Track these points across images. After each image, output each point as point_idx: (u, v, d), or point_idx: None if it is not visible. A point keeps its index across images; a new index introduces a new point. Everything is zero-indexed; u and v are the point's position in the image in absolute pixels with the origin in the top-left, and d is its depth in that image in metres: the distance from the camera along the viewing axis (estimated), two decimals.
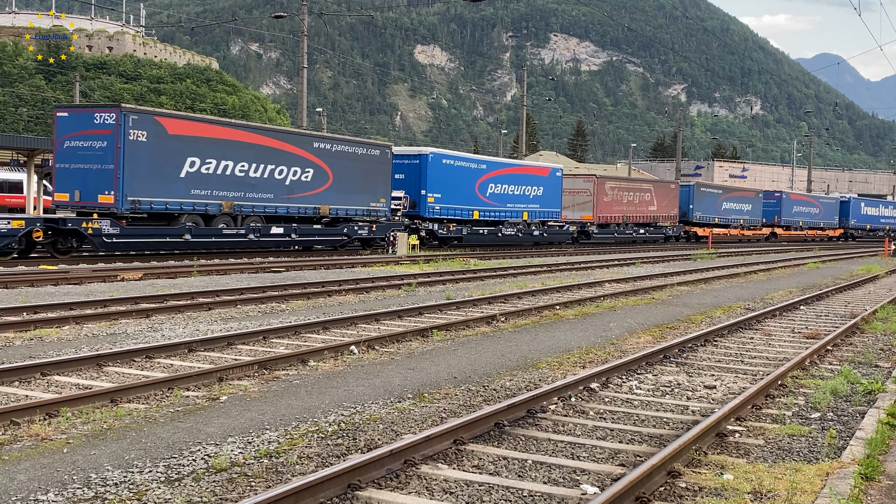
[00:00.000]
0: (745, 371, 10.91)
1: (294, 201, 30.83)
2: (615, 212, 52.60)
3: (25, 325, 12.35)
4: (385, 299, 17.81)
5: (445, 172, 38.46)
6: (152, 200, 26.13)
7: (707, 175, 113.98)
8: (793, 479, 6.23)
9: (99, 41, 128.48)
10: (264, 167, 29.52)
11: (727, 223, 64.38)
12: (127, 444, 6.83)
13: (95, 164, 25.22)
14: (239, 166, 28.58)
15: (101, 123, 25.20)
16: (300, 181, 31.02)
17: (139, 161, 25.55)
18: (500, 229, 42.27)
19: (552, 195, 46.00)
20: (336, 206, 32.63)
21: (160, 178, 26.23)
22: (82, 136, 25.48)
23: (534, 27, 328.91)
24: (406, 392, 9.07)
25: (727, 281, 26.01)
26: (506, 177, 43.04)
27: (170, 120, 27.20)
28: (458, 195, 39.10)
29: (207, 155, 27.53)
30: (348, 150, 33.42)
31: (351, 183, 32.99)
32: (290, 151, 30.74)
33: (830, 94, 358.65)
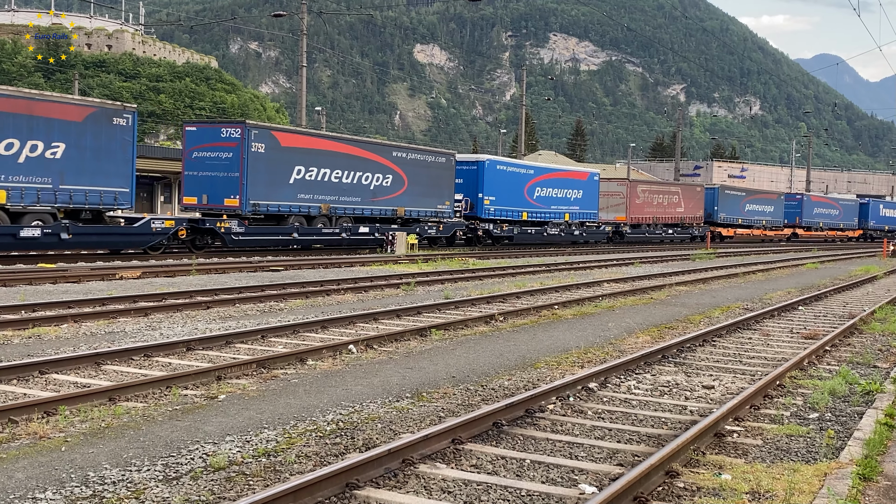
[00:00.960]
0: (743, 371, 10.91)
1: (377, 204, 34.80)
2: (646, 213, 56.03)
3: (24, 324, 12.35)
4: (384, 298, 17.81)
5: (499, 177, 42.09)
6: (268, 203, 30.16)
7: (706, 175, 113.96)
8: (791, 479, 6.24)
9: (98, 39, 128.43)
10: (354, 174, 33.49)
11: (750, 224, 66.95)
12: (125, 443, 6.83)
13: (222, 172, 29.05)
14: (334, 173, 32.57)
15: (228, 137, 29.30)
16: (382, 186, 34.98)
17: (258, 169, 29.44)
18: (545, 229, 45.78)
19: (590, 198, 49.55)
20: (410, 208, 36.42)
21: (274, 184, 30.18)
22: (210, 148, 29.36)
23: (533, 27, 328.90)
24: (404, 391, 9.07)
25: (726, 281, 26.02)
26: (550, 181, 46.71)
27: (282, 133, 31.71)
28: (509, 198, 42.63)
29: (311, 164, 31.58)
30: (420, 158, 37.45)
31: (422, 187, 36.78)
32: (374, 160, 34.74)
33: (829, 95, 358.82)
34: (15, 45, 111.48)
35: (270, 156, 29.85)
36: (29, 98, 24.47)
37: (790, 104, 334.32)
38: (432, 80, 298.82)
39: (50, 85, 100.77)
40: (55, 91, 61.61)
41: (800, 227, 73.44)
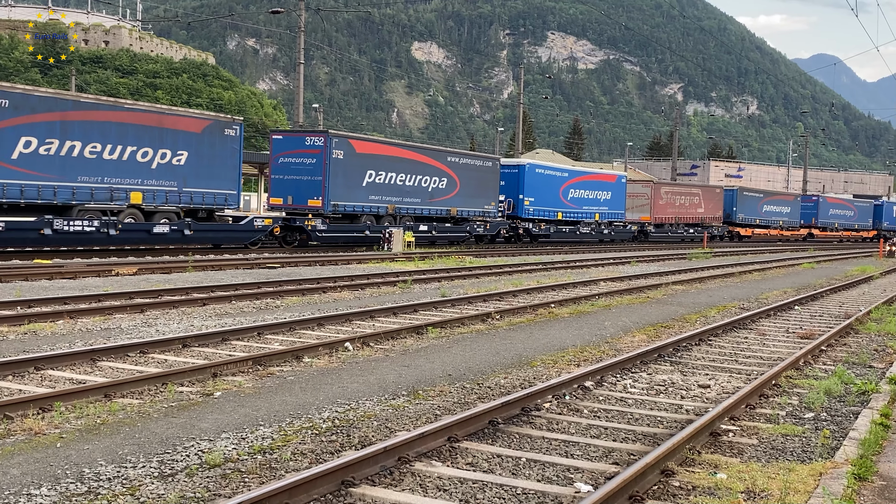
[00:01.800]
0: (739, 370, 10.92)
1: (433, 204, 38.24)
2: (669, 213, 59.33)
3: (19, 320, 12.33)
4: (380, 296, 17.80)
5: (537, 180, 45.50)
6: (345, 204, 33.62)
7: (703, 174, 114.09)
8: (786, 478, 6.24)
9: (95, 35, 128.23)
10: (415, 177, 37.03)
11: (767, 224, 69.94)
12: (120, 439, 6.82)
13: (306, 176, 32.58)
14: (399, 177, 36.08)
15: (312, 144, 32.77)
16: (437, 188, 38.38)
17: (337, 174, 32.89)
18: (578, 228, 49.24)
19: (618, 199, 52.85)
20: (461, 208, 39.86)
21: (350, 186, 33.64)
22: (295, 155, 32.84)
23: (531, 25, 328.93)
24: (400, 389, 9.07)
25: (722, 280, 26.04)
26: (583, 183, 50.14)
27: (357, 141, 35.32)
28: (546, 199, 46.03)
29: (380, 168, 35.03)
30: (470, 163, 40.93)
31: (471, 189, 40.27)
32: (432, 164, 38.12)
33: (827, 95, 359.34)
34: (12, 41, 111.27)
35: (347, 161, 33.41)
36: (160, 112, 28.28)
37: (787, 104, 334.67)
38: (430, 77, 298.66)
39: (47, 81, 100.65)
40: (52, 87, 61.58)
41: (816, 227, 75.78)
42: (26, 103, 24.03)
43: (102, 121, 25.83)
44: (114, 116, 26.27)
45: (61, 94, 28.06)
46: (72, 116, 25.10)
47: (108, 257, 24.83)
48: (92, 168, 25.45)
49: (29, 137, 23.86)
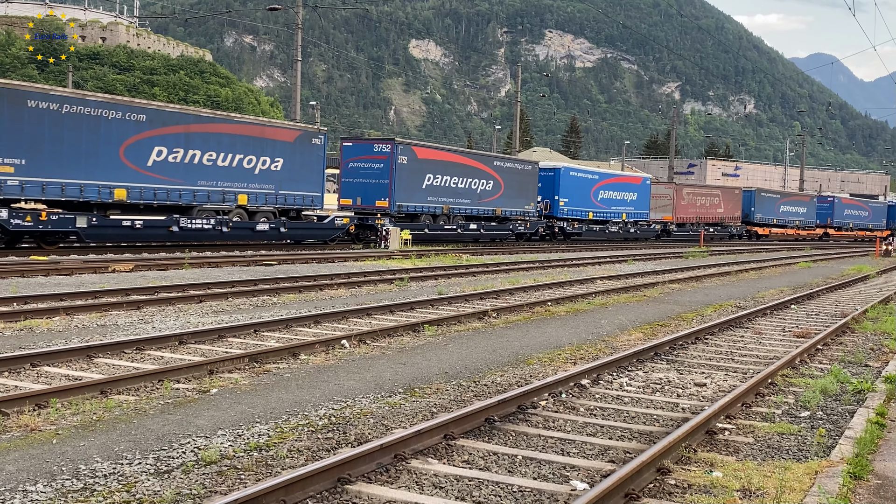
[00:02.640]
0: (735, 369, 10.93)
1: (481, 205, 41.44)
2: (690, 213, 62.02)
3: (15, 316, 12.32)
4: (377, 294, 17.80)
5: (571, 182, 48.68)
6: (408, 204, 36.85)
7: (700, 173, 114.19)
8: (782, 477, 6.25)
9: (92, 31, 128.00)
10: (466, 180, 40.25)
11: (784, 224, 72.23)
12: (116, 436, 6.82)
13: (374, 179, 35.73)
14: (452, 180, 39.34)
15: (379, 151, 36.15)
16: (485, 190, 41.52)
17: (402, 177, 36.05)
18: (607, 227, 52.12)
19: (643, 199, 55.77)
20: (505, 208, 42.81)
21: (412, 189, 36.84)
22: (364, 160, 36.19)
23: (529, 23, 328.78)
24: (397, 387, 9.07)
25: (718, 279, 26.06)
26: (611, 185, 53.10)
27: (419, 148, 38.74)
28: (579, 200, 49.10)
29: (437, 172, 38.41)
30: (513, 166, 44.22)
31: (514, 191, 43.32)
32: (480, 168, 41.48)
33: (824, 94, 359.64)
34: (9, 37, 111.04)
35: (410, 166, 36.65)
36: (262, 125, 32.26)
37: (784, 103, 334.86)
38: (427, 75, 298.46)
39: (43, 77, 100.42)
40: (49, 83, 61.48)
41: (831, 227, 78.04)
42: (158, 118, 27.48)
43: (217, 132, 29.44)
44: (225, 128, 29.83)
45: (186, 109, 31.90)
46: (193, 129, 28.62)
47: (104, 254, 24.81)
48: (209, 173, 28.97)
49: (160, 147, 27.36)
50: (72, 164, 25.01)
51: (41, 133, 24.27)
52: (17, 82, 26.56)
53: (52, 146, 24.53)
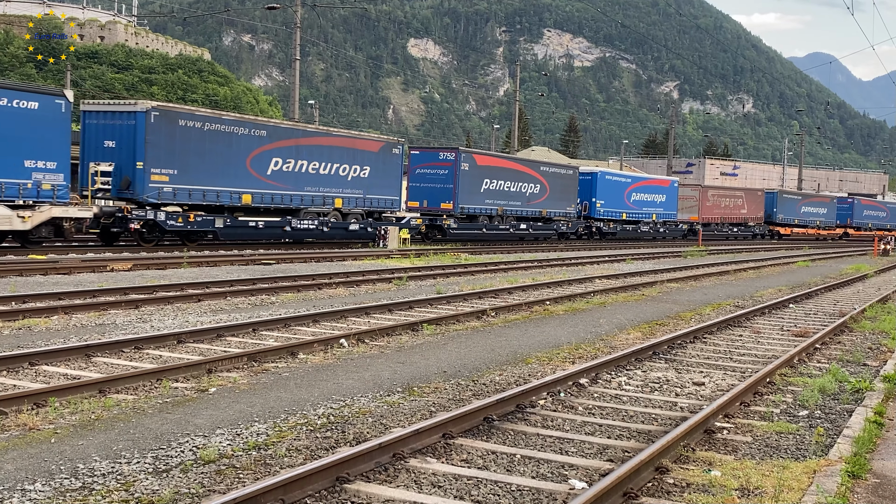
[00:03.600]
0: (733, 368, 10.94)
1: (530, 207, 45.51)
2: (715, 214, 65.73)
3: (14, 315, 12.31)
4: (375, 293, 17.79)
5: (607, 185, 52.76)
6: (469, 206, 40.91)
7: (698, 173, 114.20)
8: (780, 476, 6.25)
9: (90, 30, 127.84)
10: (517, 184, 44.26)
11: (805, 224, 75.53)
12: (115, 435, 6.82)
13: (440, 184, 39.86)
14: (506, 184, 43.42)
15: (444, 158, 40.30)
16: (533, 193, 45.55)
17: (464, 182, 40.19)
18: (638, 227, 56.20)
19: (671, 201, 59.86)
20: (549, 210, 47.13)
21: (472, 192, 40.94)
22: (430, 167, 40.17)
23: (527, 22, 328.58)
24: (395, 386, 9.07)
25: (717, 278, 26.07)
26: (642, 188, 56.99)
27: (478, 155, 43.16)
28: (614, 202, 53.08)
29: (493, 177, 42.47)
30: (556, 171, 48.69)
31: (557, 193, 47.67)
32: (529, 173, 45.57)
33: (822, 93, 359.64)
34: (7, 36, 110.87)
35: (471, 172, 40.71)
36: (353, 137, 36.63)
37: (783, 102, 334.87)
38: (426, 74, 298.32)
39: (42, 76, 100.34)
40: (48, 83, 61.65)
41: (850, 227, 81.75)
42: (276, 133, 31.61)
43: (318, 144, 33.51)
44: (325, 141, 34.06)
45: (296, 125, 36.13)
46: (302, 142, 32.65)
47: (102, 253, 24.79)
48: (312, 181, 32.93)
49: (277, 158, 31.31)
50: (211, 173, 28.86)
51: (188, 147, 28.02)
52: (172, 105, 31.53)
53: (197, 158, 28.25)
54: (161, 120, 27.01)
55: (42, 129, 24.31)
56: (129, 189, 26.77)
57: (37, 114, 24.15)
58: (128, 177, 26.69)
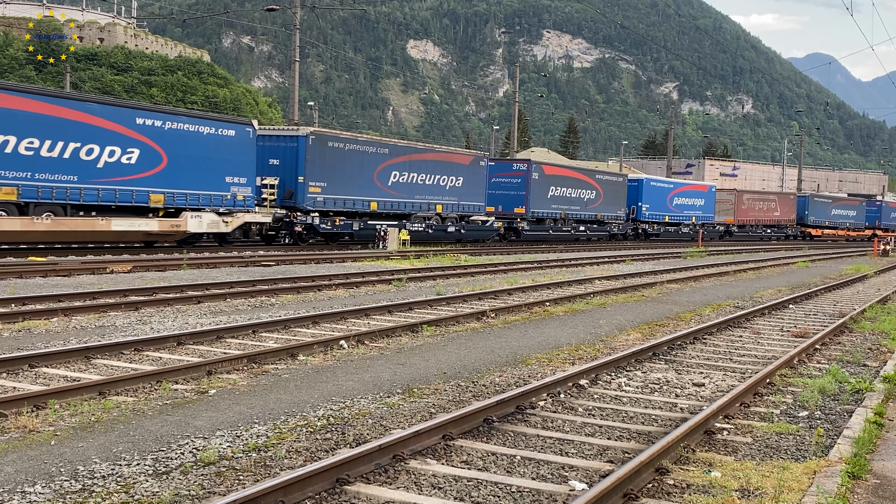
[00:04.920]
0: (733, 369, 10.94)
1: (587, 211, 51.03)
2: (749, 216, 70.21)
3: (13, 317, 12.31)
4: (375, 294, 17.79)
5: (652, 191, 58.55)
6: (539, 211, 46.55)
7: (698, 173, 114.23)
8: (780, 477, 6.25)
9: (90, 32, 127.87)
10: (577, 191, 50.13)
11: (835, 226, 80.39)
12: (115, 437, 6.81)
13: (513, 191, 45.48)
14: (568, 191, 49.11)
15: (517, 169, 46.48)
16: (590, 199, 51.27)
17: (534, 189, 45.75)
18: (680, 228, 61.65)
19: (709, 204, 65.14)
20: (603, 213, 52.55)
21: (540, 198, 46.51)
22: (504, 176, 45.84)
23: (526, 23, 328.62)
24: (395, 387, 9.07)
25: (717, 279, 26.07)
26: (683, 192, 62.91)
27: (546, 166, 49.33)
28: (658, 206, 59.01)
29: (558, 185, 48.30)
30: (609, 178, 55.12)
31: (609, 198, 53.03)
32: (586, 180, 51.61)
33: (822, 94, 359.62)
34: (7, 38, 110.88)
35: (540, 180, 46.27)
36: (450, 152, 43.75)
37: (782, 103, 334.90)
38: (425, 75, 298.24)
39: (41, 78, 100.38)
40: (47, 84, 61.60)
41: (879, 228, 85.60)
42: (395, 150, 37.84)
43: (424, 159, 39.43)
44: (430, 156, 40.16)
45: (410, 143, 43.88)
46: (413, 157, 38.71)
47: (102, 255, 24.79)
48: (420, 190, 38.78)
49: (395, 171, 37.24)
50: (349, 185, 34.62)
51: (334, 164, 33.88)
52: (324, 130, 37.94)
53: (340, 173, 34.11)
54: (316, 142, 33.05)
55: (237, 152, 29.83)
56: (291, 199, 32.63)
57: (233, 139, 29.74)
58: (290, 189, 32.53)
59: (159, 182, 27.46)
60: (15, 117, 23.85)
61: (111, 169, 26.13)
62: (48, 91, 29.10)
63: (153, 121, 27.46)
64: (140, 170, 26.90)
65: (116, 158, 26.27)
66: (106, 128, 25.97)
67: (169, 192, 27.76)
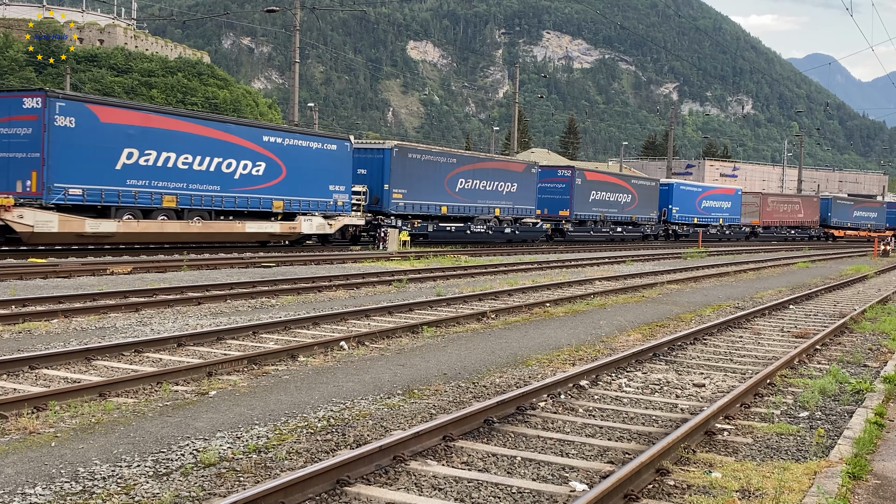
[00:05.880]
0: (734, 370, 10.93)
1: (623, 213, 55.47)
2: (774, 218, 73.69)
3: (14, 318, 12.30)
4: (375, 295, 17.79)
5: (682, 194, 63.12)
6: (581, 213, 51.13)
7: (698, 174, 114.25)
8: (781, 477, 6.25)
9: (90, 34, 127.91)
10: (615, 195, 54.05)
11: (857, 227, 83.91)
12: (115, 439, 6.81)
13: (558, 196, 50.00)
14: (606, 194, 53.15)
15: (562, 175, 50.95)
16: (626, 202, 55.65)
17: (577, 194, 50.11)
18: (707, 229, 65.05)
19: (736, 207, 68.92)
20: (638, 215, 57.18)
21: (583, 202, 50.90)
22: (550, 181, 50.22)
23: (526, 24, 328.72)
24: (396, 388, 9.07)
25: (717, 280, 26.07)
26: (711, 196, 67.09)
27: (587, 172, 53.57)
28: (687, 208, 63.37)
29: (598, 189, 52.35)
30: (643, 183, 59.16)
31: (644, 202, 57.80)
32: (623, 185, 55.68)
33: (821, 95, 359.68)
34: (7, 39, 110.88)
35: (582, 186, 50.93)
36: (507, 161, 48.90)
37: (782, 103, 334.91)
38: (425, 76, 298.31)
39: (41, 79, 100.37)
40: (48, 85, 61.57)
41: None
42: (461, 160, 42.70)
43: (485, 168, 43.87)
44: (489, 165, 44.77)
45: (475, 154, 49.14)
46: (476, 166, 43.23)
47: (102, 256, 24.79)
48: (482, 195, 43.01)
49: (462, 179, 41.66)
50: (424, 191, 38.95)
51: (413, 173, 38.14)
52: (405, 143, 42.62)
53: (417, 181, 38.30)
54: (398, 155, 37.40)
55: (338, 164, 34.42)
56: (377, 204, 37.01)
57: (335, 153, 34.33)
58: (377, 195, 36.96)
59: (279, 190, 32.04)
60: (175, 137, 28.19)
61: (244, 180, 30.69)
62: (198, 114, 34.25)
63: (276, 138, 32.11)
64: (265, 180, 31.50)
65: (248, 171, 30.84)
66: (240, 144, 30.47)
67: (287, 199, 32.34)
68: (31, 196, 24.62)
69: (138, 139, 27.08)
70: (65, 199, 25.22)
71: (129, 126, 26.91)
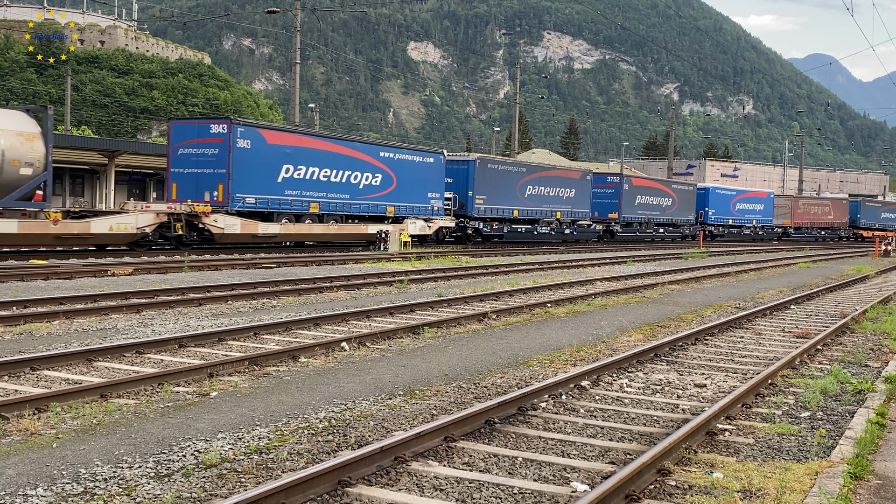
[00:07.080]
0: (735, 370, 10.93)
1: (665, 215, 59.59)
2: (805, 219, 77.66)
3: (15, 320, 12.31)
4: (376, 296, 17.79)
5: (717, 197, 66.86)
6: (628, 216, 55.20)
7: (698, 174, 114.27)
8: (782, 477, 6.25)
9: (91, 35, 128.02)
10: (657, 198, 58.40)
11: (885, 227, 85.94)
12: (116, 440, 6.81)
13: (607, 199, 53.99)
14: (651, 199, 57.93)
15: (610, 181, 54.77)
16: (668, 205, 59.67)
17: (625, 198, 54.37)
18: (741, 230, 69.32)
19: (768, 209, 72.77)
20: (678, 217, 61.33)
21: (630, 205, 54.96)
22: (600, 187, 53.42)
23: (527, 25, 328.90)
24: (397, 389, 9.07)
25: (718, 280, 26.06)
26: (745, 198, 70.73)
27: (633, 178, 58.79)
28: (722, 210, 67.14)
29: (643, 193, 56.92)
30: (682, 187, 63.67)
31: (683, 205, 61.80)
32: (664, 189, 60.04)
33: (822, 95, 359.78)
34: (8, 40, 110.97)
35: (629, 190, 55.15)
36: (566, 169, 53.54)
37: (783, 104, 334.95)
38: (426, 77, 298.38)
39: (42, 81, 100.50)
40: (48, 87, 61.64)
41: None
42: (529, 169, 47.54)
43: (548, 175, 48.43)
44: (553, 173, 49.31)
45: (540, 163, 54.71)
46: (542, 174, 47.85)
47: (104, 257, 24.81)
48: (545, 200, 47.41)
49: (530, 186, 46.25)
50: (500, 197, 43.57)
51: (491, 181, 43.05)
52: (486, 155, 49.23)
53: (494, 188, 43.06)
54: (480, 165, 42.56)
55: (434, 174, 39.92)
56: (462, 209, 41.99)
57: (432, 165, 39.85)
58: (462, 201, 41.94)
59: (392, 198, 37.55)
60: (317, 155, 33.89)
61: (366, 189, 36.17)
62: (333, 135, 39.02)
63: (389, 153, 37.78)
64: (381, 189, 37.00)
65: (369, 182, 36.33)
66: (363, 159, 35.96)
67: (397, 205, 37.83)
68: (218, 204, 29.83)
69: (293, 157, 32.69)
70: (243, 207, 30.62)
71: (286, 146, 32.55)
